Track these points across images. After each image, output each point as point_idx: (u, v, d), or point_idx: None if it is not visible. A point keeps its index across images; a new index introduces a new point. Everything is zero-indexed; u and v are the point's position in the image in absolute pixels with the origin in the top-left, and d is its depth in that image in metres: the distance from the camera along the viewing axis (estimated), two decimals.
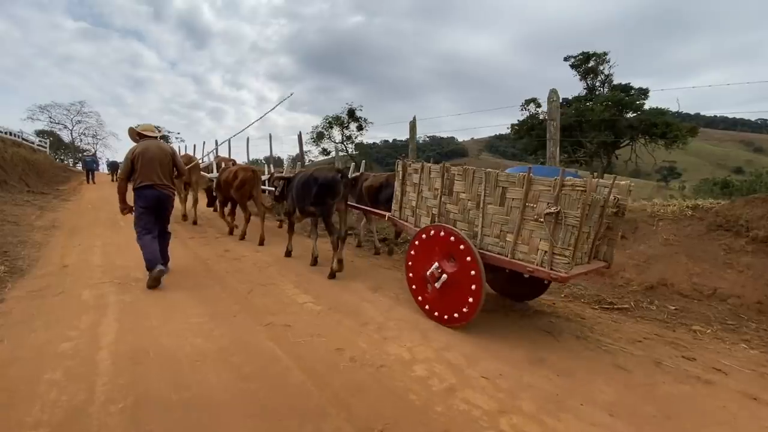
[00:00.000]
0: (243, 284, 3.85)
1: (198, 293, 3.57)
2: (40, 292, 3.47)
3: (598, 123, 21.33)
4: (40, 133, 36.34)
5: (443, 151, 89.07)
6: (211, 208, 7.67)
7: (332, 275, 4.12)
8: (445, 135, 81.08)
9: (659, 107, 20.92)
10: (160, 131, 4.26)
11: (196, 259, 4.74)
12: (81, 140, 42.13)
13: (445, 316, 2.92)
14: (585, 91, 25.68)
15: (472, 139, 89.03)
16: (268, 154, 14.15)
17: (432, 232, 3.04)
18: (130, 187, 3.91)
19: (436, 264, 2.93)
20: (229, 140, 15.98)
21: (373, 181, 5.31)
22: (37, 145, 26.65)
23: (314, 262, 4.61)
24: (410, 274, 3.25)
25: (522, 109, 27.32)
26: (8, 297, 3.34)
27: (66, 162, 35.82)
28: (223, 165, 6.95)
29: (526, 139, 25.95)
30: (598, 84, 25.15)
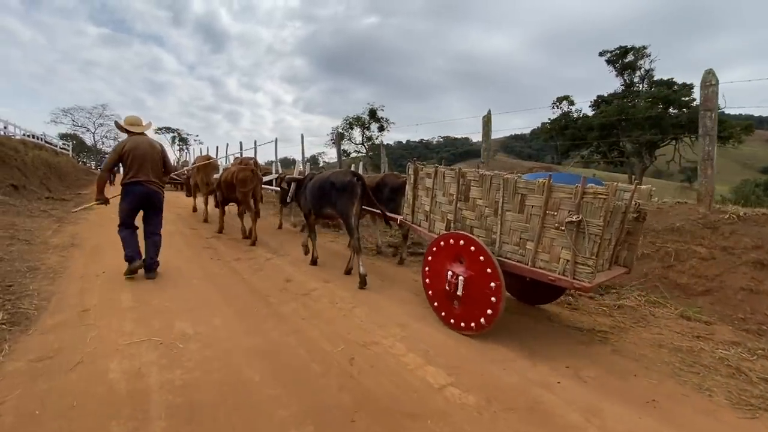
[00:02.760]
0: (335, 344, 2.63)
1: (278, 362, 2.37)
2: (48, 362, 2.31)
3: (642, 121, 19.72)
4: (63, 137, 36.14)
5: (457, 151, 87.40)
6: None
7: (362, 283, 3.81)
8: (459, 136, 79.32)
9: None
10: (146, 127, 4.09)
11: (255, 295, 3.56)
12: (103, 143, 41.96)
13: (462, 324, 2.82)
14: (622, 87, 24.03)
15: None
16: (283, 156, 13.17)
17: (452, 240, 2.91)
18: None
19: (455, 272, 2.82)
20: (256, 143, 14.94)
21: (368, 182, 4.70)
22: (60, 148, 26.15)
23: (314, 262, 4.60)
24: (427, 280, 3.14)
25: (553, 108, 25.81)
26: (2, 372, 2.19)
27: (89, 165, 35.45)
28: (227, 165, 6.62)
29: (559, 140, 24.45)
30: (636, 80, 23.46)
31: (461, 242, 2.83)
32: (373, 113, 30.54)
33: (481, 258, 2.67)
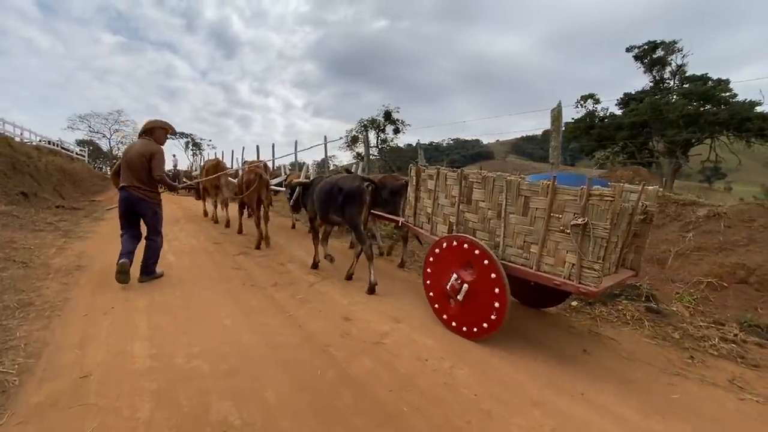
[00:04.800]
0: None
1: None
2: None
3: (678, 119, 18.45)
4: (80, 143, 35.97)
5: (468, 153, 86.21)
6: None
7: (371, 290, 3.66)
8: (469, 138, 77.96)
9: (752, 100, 17.85)
10: (153, 125, 3.84)
11: (310, 344, 2.62)
12: (119, 149, 41.73)
13: (464, 329, 2.71)
14: (651, 84, 22.76)
15: (498, 141, 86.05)
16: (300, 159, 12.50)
17: (454, 242, 2.79)
18: None
19: (457, 276, 2.71)
20: (274, 147, 14.19)
21: None
22: (77, 154, 25.80)
23: (315, 266, 4.45)
24: (428, 281, 3.04)
25: (577, 106, 24.61)
26: None
27: (105, 170, 35.24)
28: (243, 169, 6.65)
29: (584, 139, 23.25)
30: (667, 76, 22.17)
31: (465, 245, 2.71)
32: (388, 115, 29.71)
33: (485, 261, 2.57)
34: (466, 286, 2.66)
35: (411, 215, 3.53)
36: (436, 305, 2.96)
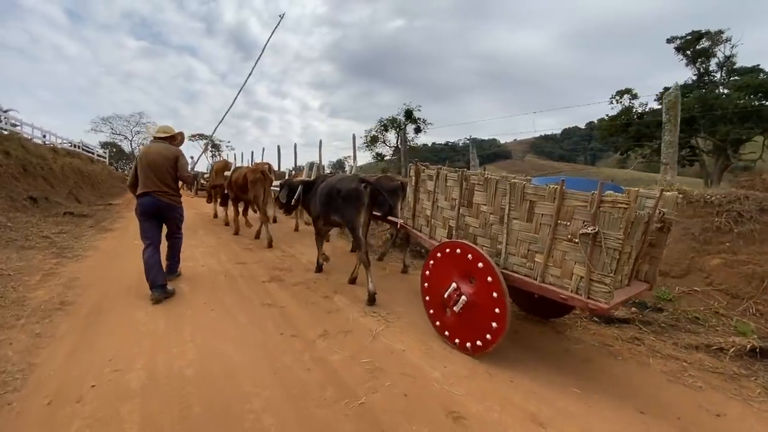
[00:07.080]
0: None
1: None
2: None
3: (731, 114, 16.69)
4: (103, 145, 35.99)
5: (484, 153, 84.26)
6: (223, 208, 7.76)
7: (371, 301, 3.32)
8: (486, 137, 75.88)
9: None
10: (169, 134, 3.69)
11: None
12: (140, 150, 41.81)
13: (468, 344, 2.44)
14: (694, 77, 20.93)
15: (515, 140, 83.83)
16: (315, 159, 11.61)
17: (448, 249, 2.61)
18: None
19: (455, 285, 2.51)
20: (296, 146, 13.23)
21: None
22: (98, 155, 25.49)
23: (319, 269, 4.27)
24: (426, 297, 2.79)
25: (612, 103, 22.96)
26: None
27: (125, 172, 35.15)
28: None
29: (622, 137, 21.61)
30: (713, 68, 20.30)
31: (461, 251, 2.49)
32: (409, 114, 28.54)
33: (481, 266, 2.36)
34: (464, 296, 2.41)
35: (410, 218, 3.34)
36: (438, 323, 2.69)
